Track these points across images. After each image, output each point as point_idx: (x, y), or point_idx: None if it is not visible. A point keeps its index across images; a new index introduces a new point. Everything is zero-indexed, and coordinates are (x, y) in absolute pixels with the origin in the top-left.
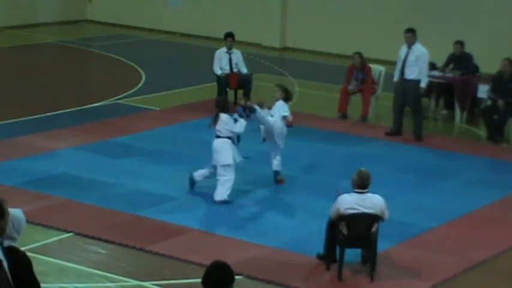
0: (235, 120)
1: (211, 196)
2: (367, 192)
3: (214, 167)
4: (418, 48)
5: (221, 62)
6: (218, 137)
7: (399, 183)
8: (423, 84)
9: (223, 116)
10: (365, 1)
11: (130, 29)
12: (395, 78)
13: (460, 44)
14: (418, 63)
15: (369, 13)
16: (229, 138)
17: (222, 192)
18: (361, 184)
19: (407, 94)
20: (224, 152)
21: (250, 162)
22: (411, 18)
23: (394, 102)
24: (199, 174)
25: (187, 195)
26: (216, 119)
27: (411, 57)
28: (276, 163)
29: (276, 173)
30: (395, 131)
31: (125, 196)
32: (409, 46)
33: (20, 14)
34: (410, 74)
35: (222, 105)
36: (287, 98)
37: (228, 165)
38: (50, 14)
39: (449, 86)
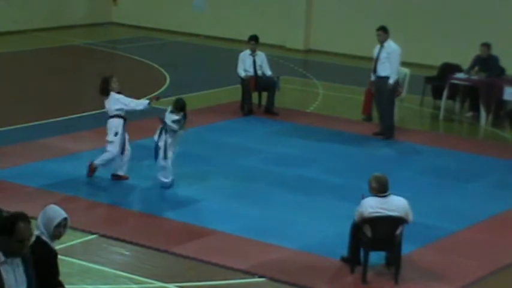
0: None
1: (233, 199)
2: (389, 194)
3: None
4: (390, 45)
5: (245, 64)
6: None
7: (423, 186)
8: (391, 81)
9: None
10: (390, 3)
11: (154, 32)
12: (372, 78)
13: (486, 46)
14: (389, 60)
15: (394, 15)
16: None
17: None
18: (381, 189)
19: (380, 91)
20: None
21: (271, 164)
22: (438, 20)
23: (374, 101)
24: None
25: (212, 198)
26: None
27: (383, 55)
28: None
29: None
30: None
31: (149, 198)
32: (381, 44)
33: (47, 16)
34: (383, 71)
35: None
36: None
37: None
38: (76, 16)
39: (475, 89)
